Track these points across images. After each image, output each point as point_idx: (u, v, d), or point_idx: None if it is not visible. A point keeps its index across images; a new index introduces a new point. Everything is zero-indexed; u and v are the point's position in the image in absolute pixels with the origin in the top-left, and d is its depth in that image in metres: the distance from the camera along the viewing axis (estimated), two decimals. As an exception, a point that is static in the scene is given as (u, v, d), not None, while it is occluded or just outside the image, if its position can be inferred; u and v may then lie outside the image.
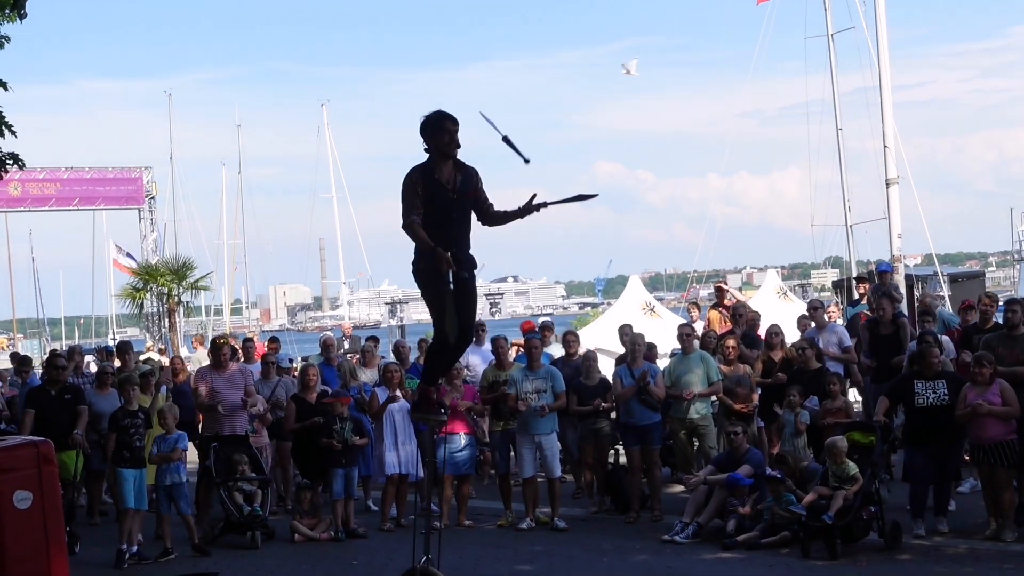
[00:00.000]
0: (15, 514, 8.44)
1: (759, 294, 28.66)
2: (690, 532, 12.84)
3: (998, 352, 12.72)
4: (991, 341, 13.26)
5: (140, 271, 38.88)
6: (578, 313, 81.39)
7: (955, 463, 12.84)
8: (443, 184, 7.67)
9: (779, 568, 11.34)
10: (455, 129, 7.69)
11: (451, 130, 7.67)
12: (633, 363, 14.51)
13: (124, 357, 16.79)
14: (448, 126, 7.67)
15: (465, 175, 7.73)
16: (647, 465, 14.34)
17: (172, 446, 13.10)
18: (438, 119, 7.68)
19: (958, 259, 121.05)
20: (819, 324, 16.23)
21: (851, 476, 11.93)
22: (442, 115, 7.71)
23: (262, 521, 13.50)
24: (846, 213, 31.59)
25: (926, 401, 12.33)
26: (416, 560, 8.02)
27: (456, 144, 7.70)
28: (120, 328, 60.88)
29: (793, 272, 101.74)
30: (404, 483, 14.45)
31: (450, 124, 7.68)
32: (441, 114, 7.72)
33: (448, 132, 7.66)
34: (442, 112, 7.74)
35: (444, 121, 7.68)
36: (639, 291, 28.56)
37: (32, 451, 8.72)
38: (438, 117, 7.70)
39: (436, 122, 7.68)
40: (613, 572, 11.33)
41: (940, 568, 11.07)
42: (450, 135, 7.66)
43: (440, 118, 7.69)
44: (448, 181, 7.69)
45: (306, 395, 14.81)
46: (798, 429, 13.69)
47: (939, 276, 28.45)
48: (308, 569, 12.05)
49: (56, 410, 13.59)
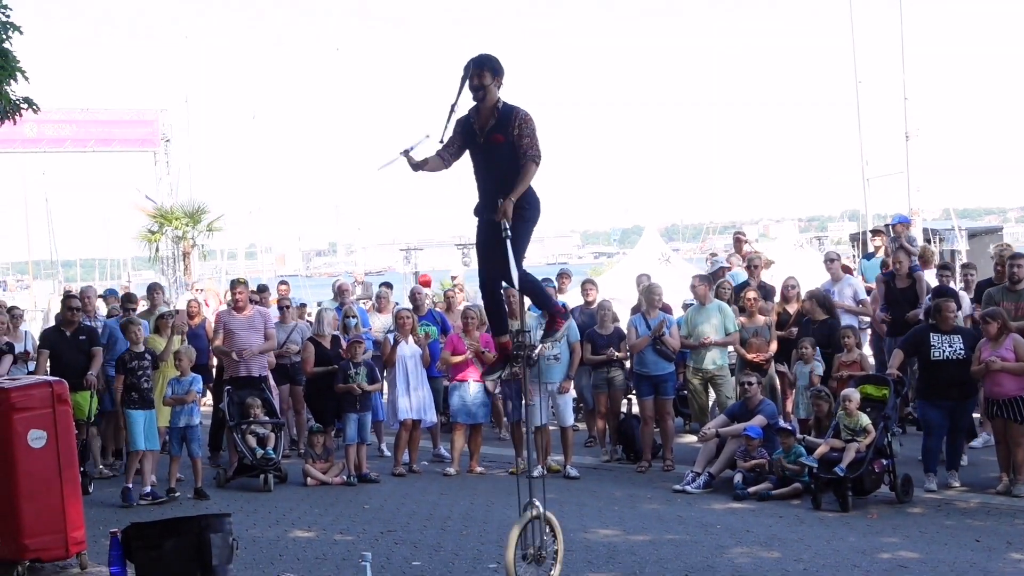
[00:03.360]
0: (29, 453, 8.48)
1: (776, 246, 28.55)
2: (701, 483, 12.87)
3: (1003, 306, 12.70)
4: (993, 295, 13.23)
5: (155, 214, 38.86)
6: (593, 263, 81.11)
7: (969, 418, 12.81)
8: (473, 128, 7.73)
9: (789, 519, 11.35)
10: (480, 75, 7.63)
11: (475, 76, 7.62)
12: (649, 313, 14.49)
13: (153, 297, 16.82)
14: (473, 72, 7.63)
15: (500, 119, 7.68)
16: (660, 415, 14.34)
17: (187, 388, 13.16)
18: (466, 65, 7.66)
19: (976, 214, 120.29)
20: (834, 277, 16.15)
21: (864, 429, 11.92)
22: (470, 62, 7.67)
23: (275, 464, 13.57)
24: (863, 166, 31.45)
25: (942, 355, 12.27)
26: (522, 505, 8.06)
27: (479, 90, 7.64)
28: (135, 271, 60.85)
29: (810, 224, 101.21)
30: (417, 429, 14.50)
31: (475, 70, 7.63)
32: (470, 61, 7.68)
33: (473, 78, 7.62)
34: (473, 58, 7.69)
35: (469, 67, 7.65)
36: (655, 241, 28.47)
37: (47, 391, 8.75)
38: (467, 63, 7.66)
39: (465, 68, 7.65)
40: (624, 521, 11.35)
41: (951, 522, 11.07)
42: (477, 79, 7.62)
43: (468, 64, 7.66)
44: (481, 125, 7.71)
45: (323, 339, 14.86)
46: (811, 381, 13.68)
47: (957, 230, 28.33)
48: (320, 512, 12.10)
49: (71, 351, 13.63)
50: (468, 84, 7.64)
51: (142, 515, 11.53)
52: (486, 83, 7.64)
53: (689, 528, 11.02)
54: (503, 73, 7.72)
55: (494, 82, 7.66)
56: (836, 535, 10.55)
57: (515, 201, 7.60)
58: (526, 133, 7.62)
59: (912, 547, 10.03)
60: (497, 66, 7.69)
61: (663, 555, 9.82)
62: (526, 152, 7.61)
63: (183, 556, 7.20)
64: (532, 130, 7.63)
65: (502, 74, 7.71)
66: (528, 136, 7.62)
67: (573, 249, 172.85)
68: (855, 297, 15.76)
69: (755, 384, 13.37)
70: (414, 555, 9.93)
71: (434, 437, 15.51)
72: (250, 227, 70.06)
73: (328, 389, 14.28)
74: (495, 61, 7.71)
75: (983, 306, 13.17)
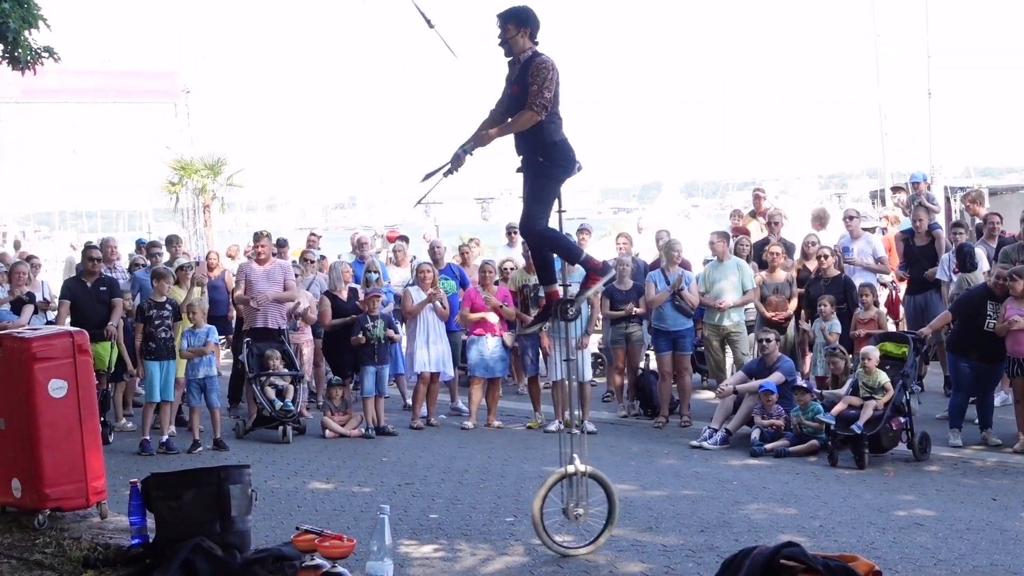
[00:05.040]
0: (50, 402, 8.52)
1: (796, 203, 28.47)
2: (718, 439, 12.89)
3: (1017, 263, 12.64)
4: (1009, 253, 13.18)
5: (175, 165, 38.88)
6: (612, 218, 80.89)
7: (998, 376, 12.76)
8: (506, 80, 7.77)
9: (806, 476, 11.38)
10: (503, 28, 7.59)
11: (499, 27, 7.60)
12: (668, 268, 14.47)
13: (173, 249, 16.91)
14: (499, 24, 7.60)
15: (521, 70, 7.63)
16: (678, 370, 14.35)
17: (203, 340, 13.21)
18: (496, 17, 7.63)
19: (998, 172, 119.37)
20: (854, 234, 16.08)
21: (882, 386, 11.91)
22: (497, 15, 7.63)
23: (294, 416, 13.63)
24: (881, 122, 31.28)
25: (995, 326, 12.21)
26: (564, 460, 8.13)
27: (502, 42, 7.61)
28: (156, 222, 60.89)
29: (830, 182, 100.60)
30: (435, 382, 14.54)
31: (499, 22, 7.60)
32: (498, 14, 7.64)
33: (499, 29, 7.60)
34: (501, 12, 7.65)
35: (497, 19, 7.61)
36: (675, 197, 28.46)
37: (67, 341, 8.77)
38: (496, 15, 7.63)
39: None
40: (641, 476, 11.39)
41: (968, 480, 11.08)
42: (501, 33, 7.60)
43: (496, 16, 7.62)
44: (509, 77, 7.73)
45: (339, 292, 14.88)
46: (827, 339, 13.67)
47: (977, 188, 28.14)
48: (338, 464, 12.16)
49: (92, 302, 13.67)
50: (498, 35, 7.64)
51: (162, 465, 11.64)
52: (509, 36, 7.58)
53: (706, 484, 11.06)
54: (530, 23, 7.61)
55: (519, 33, 7.58)
56: (853, 492, 10.57)
57: (537, 153, 7.59)
58: (536, 80, 7.50)
59: (928, 505, 10.05)
60: (522, 17, 7.60)
61: (679, 510, 9.85)
62: (530, 99, 7.52)
63: (202, 507, 7.22)
64: (544, 78, 7.49)
65: (529, 24, 7.60)
66: (537, 84, 7.49)
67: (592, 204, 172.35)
68: (874, 255, 15.70)
69: (773, 341, 13.36)
70: (431, 508, 9.98)
71: (452, 391, 15.56)
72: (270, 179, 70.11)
73: (346, 342, 14.32)
74: (519, 12, 7.63)
75: (999, 263, 13.14)
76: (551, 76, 7.50)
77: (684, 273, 14.55)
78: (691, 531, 9.11)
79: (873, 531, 9.13)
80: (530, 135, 7.63)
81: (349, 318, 14.44)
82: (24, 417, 8.52)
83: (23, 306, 13.91)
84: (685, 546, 8.60)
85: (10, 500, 8.67)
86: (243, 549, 7.25)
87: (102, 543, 7.99)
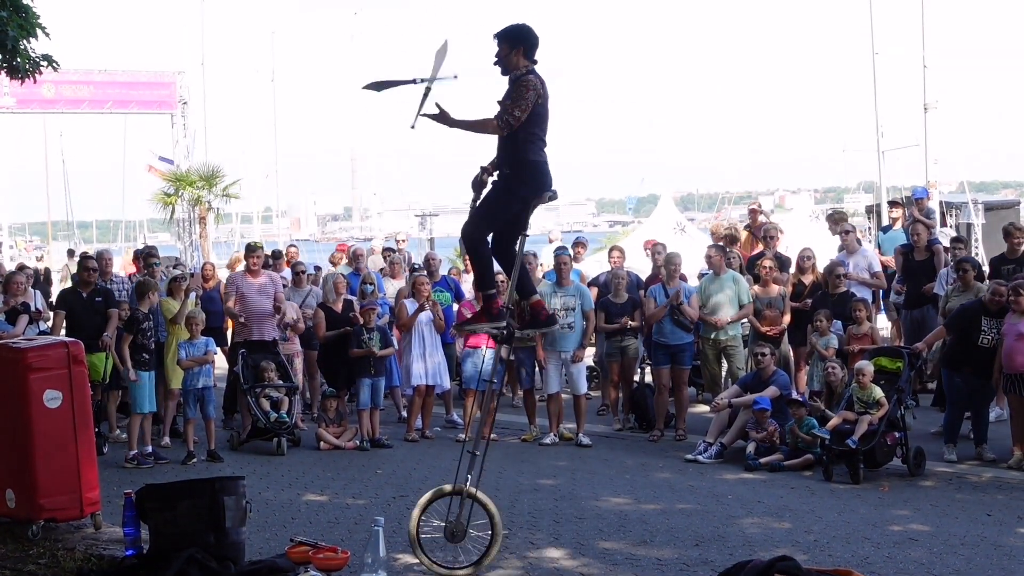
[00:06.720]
0: (45, 413, 8.51)
1: (791, 217, 28.51)
2: (713, 452, 12.89)
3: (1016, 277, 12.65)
4: (1011, 268, 13.19)
5: (171, 177, 38.90)
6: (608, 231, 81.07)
7: (992, 391, 12.77)
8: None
9: (801, 491, 11.37)
10: (498, 46, 7.53)
11: (497, 47, 7.56)
12: (668, 282, 14.46)
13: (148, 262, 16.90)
14: (496, 43, 7.57)
15: (508, 87, 7.57)
16: (676, 384, 14.35)
17: (203, 350, 13.23)
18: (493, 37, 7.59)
19: (993, 187, 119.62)
20: (849, 248, 16.09)
21: (877, 401, 11.91)
22: (494, 34, 7.60)
23: (288, 428, 13.63)
24: (879, 138, 31.33)
25: (990, 342, 12.21)
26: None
27: (498, 61, 7.56)
28: (151, 233, 60.88)
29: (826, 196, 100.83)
30: (430, 394, 14.53)
31: (495, 42, 7.55)
32: (495, 33, 7.60)
33: (496, 48, 7.57)
34: (497, 31, 7.59)
35: (494, 38, 7.58)
36: (670, 210, 28.49)
37: (63, 351, 8.76)
38: (493, 35, 7.60)
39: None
40: (635, 489, 11.38)
41: (963, 495, 11.07)
42: (497, 52, 7.55)
43: (493, 36, 7.59)
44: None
45: (333, 304, 14.87)
46: (823, 354, 13.67)
47: (972, 204, 28.21)
48: (332, 476, 12.15)
49: (87, 312, 13.66)
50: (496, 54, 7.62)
51: (156, 476, 11.60)
52: (504, 55, 7.55)
53: (700, 498, 11.05)
54: (525, 42, 7.49)
55: (513, 52, 7.54)
56: (847, 507, 10.57)
57: (507, 166, 7.54)
58: (511, 95, 7.42)
59: (923, 520, 10.04)
60: (515, 36, 7.52)
61: (674, 524, 9.84)
62: (499, 110, 7.43)
63: (197, 518, 7.22)
64: (520, 96, 7.35)
65: (524, 43, 7.48)
66: (512, 99, 7.40)
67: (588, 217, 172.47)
68: (870, 269, 15.72)
69: (768, 355, 13.37)
70: (426, 520, 9.94)
71: (447, 403, 15.55)
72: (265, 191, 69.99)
73: (341, 354, 14.31)
74: (512, 31, 7.54)
75: (993, 279, 13.19)
76: (528, 96, 7.36)
77: (683, 286, 14.54)
78: (686, 545, 9.10)
79: (868, 546, 9.12)
80: (508, 148, 7.57)
81: (343, 329, 14.44)
82: (18, 427, 8.52)
83: (17, 316, 13.89)
84: (680, 560, 8.60)
85: (4, 510, 8.67)
86: (237, 561, 7.26)
87: (96, 554, 7.99)
